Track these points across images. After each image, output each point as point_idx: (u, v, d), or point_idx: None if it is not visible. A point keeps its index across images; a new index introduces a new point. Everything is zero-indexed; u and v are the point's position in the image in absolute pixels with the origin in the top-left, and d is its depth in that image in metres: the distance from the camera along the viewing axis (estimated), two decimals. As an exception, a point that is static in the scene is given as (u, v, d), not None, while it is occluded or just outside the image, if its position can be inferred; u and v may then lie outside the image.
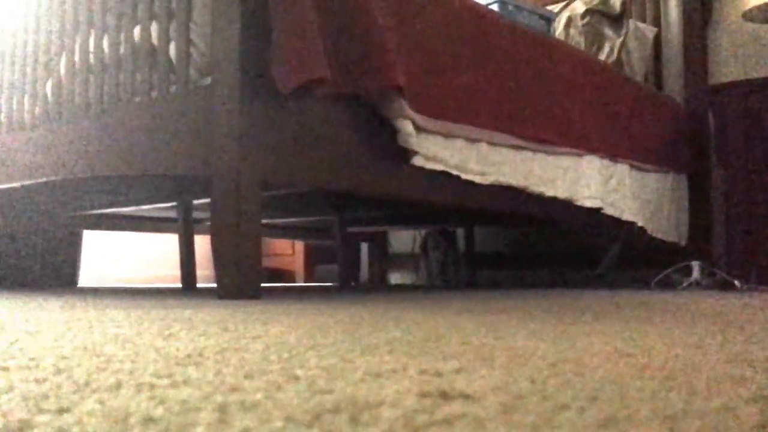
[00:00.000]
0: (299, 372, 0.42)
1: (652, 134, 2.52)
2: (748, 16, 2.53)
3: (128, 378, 0.39)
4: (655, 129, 2.54)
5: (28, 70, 1.74)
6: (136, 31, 1.48)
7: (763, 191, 2.43)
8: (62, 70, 1.65)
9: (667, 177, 2.64)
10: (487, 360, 0.48)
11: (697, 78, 2.84)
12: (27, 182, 1.74)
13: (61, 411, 0.31)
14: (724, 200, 2.54)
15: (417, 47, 1.60)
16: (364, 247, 3.50)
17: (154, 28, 1.45)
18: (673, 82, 2.95)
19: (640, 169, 2.44)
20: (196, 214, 2.26)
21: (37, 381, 0.38)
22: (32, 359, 0.47)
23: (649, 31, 2.90)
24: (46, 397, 0.34)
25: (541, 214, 2.13)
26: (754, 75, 2.71)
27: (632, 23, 2.88)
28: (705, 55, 2.86)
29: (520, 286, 2.74)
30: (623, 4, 2.85)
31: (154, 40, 1.45)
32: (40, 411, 0.31)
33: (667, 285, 2.51)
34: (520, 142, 1.91)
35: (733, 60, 2.82)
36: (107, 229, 2.53)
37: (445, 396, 0.35)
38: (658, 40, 2.96)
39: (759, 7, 2.47)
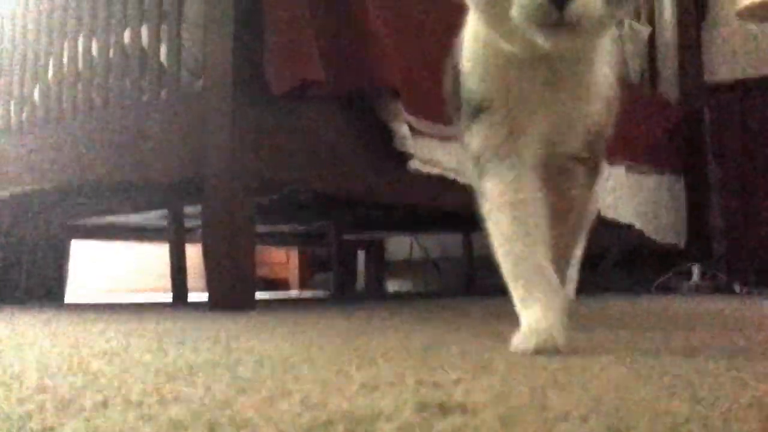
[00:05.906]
0: (293, 386, 0.41)
1: (647, 135, 2.51)
2: (743, 15, 2.54)
3: (115, 395, 0.38)
4: (650, 129, 2.54)
5: (16, 74, 1.71)
6: (126, 34, 1.46)
7: (761, 191, 2.43)
8: (50, 75, 1.63)
9: (663, 178, 2.64)
10: (486, 369, 0.47)
11: (692, 77, 2.84)
12: (13, 191, 1.71)
13: (45, 431, 0.30)
14: (722, 200, 2.53)
15: (412, 49, 1.59)
16: (361, 254, 3.48)
17: (144, 30, 1.43)
18: (668, 82, 2.95)
19: (636, 170, 2.44)
20: (187, 223, 2.23)
21: (19, 400, 0.37)
22: (15, 377, 0.46)
23: (644, 30, 2.91)
24: (29, 416, 0.33)
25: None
26: (749, 74, 2.71)
27: (626, 23, 2.88)
28: (699, 54, 2.86)
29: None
30: (617, 4, 2.86)
31: (145, 43, 1.43)
32: (22, 432, 0.30)
33: (668, 289, 2.50)
34: (516, 146, 1.90)
35: (727, 59, 2.82)
36: (96, 238, 2.49)
37: (443, 408, 0.34)
38: (652, 40, 2.96)
39: (753, 6, 2.47)
